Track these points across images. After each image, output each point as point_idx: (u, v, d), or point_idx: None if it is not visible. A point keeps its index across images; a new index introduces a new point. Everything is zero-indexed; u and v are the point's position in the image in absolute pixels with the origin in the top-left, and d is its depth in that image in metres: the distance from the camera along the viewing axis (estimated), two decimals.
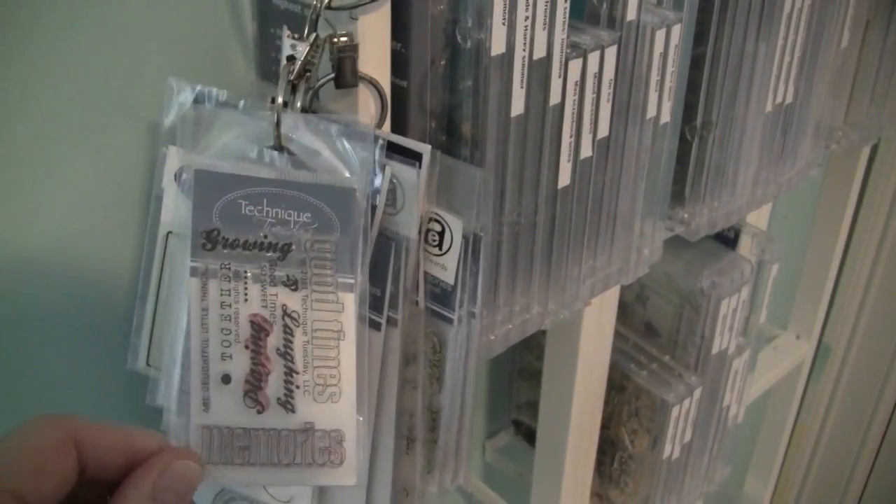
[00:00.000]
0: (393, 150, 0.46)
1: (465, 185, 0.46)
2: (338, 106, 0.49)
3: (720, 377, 0.86)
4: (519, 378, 0.96)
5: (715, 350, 0.82)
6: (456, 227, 0.47)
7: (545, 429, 0.82)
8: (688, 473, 0.90)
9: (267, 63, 0.54)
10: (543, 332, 0.78)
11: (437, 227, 0.47)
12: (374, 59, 0.48)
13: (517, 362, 0.95)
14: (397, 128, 0.51)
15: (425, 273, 0.49)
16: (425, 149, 0.45)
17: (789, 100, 0.74)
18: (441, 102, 0.51)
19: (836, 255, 1.13)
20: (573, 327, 0.73)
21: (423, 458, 0.53)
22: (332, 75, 0.45)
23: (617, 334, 0.80)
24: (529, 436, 0.95)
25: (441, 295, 0.49)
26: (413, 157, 0.46)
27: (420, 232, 0.47)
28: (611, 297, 0.74)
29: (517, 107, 0.51)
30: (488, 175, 0.46)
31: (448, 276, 0.48)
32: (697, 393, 0.83)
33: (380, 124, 0.47)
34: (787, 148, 0.78)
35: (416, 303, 0.49)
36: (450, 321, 0.49)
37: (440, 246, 0.47)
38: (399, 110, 0.51)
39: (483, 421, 0.98)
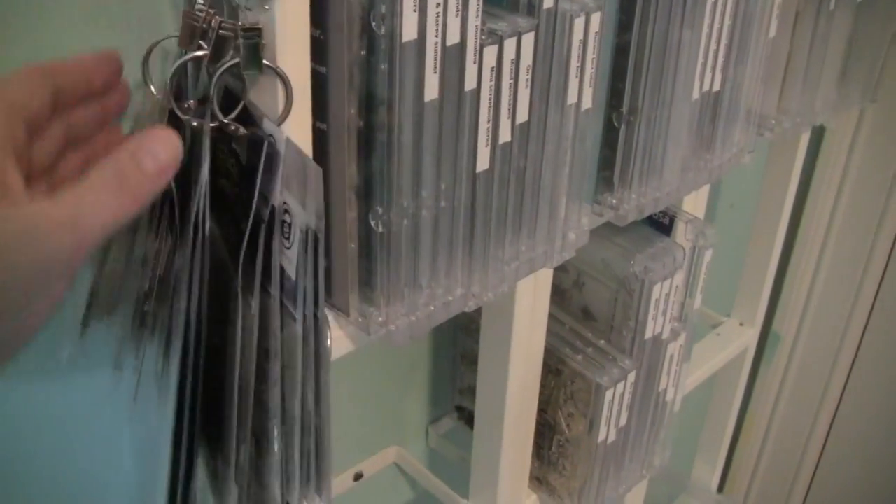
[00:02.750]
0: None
1: (307, 178, 0.44)
2: (256, 91, 0.50)
3: (656, 361, 0.87)
4: (461, 363, 0.97)
5: (648, 334, 0.83)
6: (295, 218, 0.45)
7: (482, 413, 0.83)
8: (626, 457, 0.92)
9: None
10: None
11: (288, 219, 0.45)
12: (293, 46, 0.49)
13: (459, 347, 0.96)
14: (318, 113, 0.52)
15: (280, 265, 0.47)
16: (280, 136, 0.44)
17: (717, 87, 0.76)
18: (360, 88, 0.52)
19: (778, 242, 1.15)
20: (507, 311, 0.74)
21: (281, 462, 0.51)
22: (234, 60, 0.46)
23: (554, 319, 0.81)
24: (472, 421, 0.96)
25: (290, 290, 0.47)
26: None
27: (274, 219, 0.46)
28: (544, 281, 0.75)
29: (430, 92, 0.52)
30: (320, 170, 0.44)
31: (292, 271, 0.46)
32: (631, 377, 0.84)
33: (285, 112, 0.48)
34: (717, 135, 0.79)
35: (270, 294, 0.47)
36: (294, 318, 0.47)
37: (289, 238, 0.46)
38: (320, 96, 0.52)
39: (426, 406, 0.99)
